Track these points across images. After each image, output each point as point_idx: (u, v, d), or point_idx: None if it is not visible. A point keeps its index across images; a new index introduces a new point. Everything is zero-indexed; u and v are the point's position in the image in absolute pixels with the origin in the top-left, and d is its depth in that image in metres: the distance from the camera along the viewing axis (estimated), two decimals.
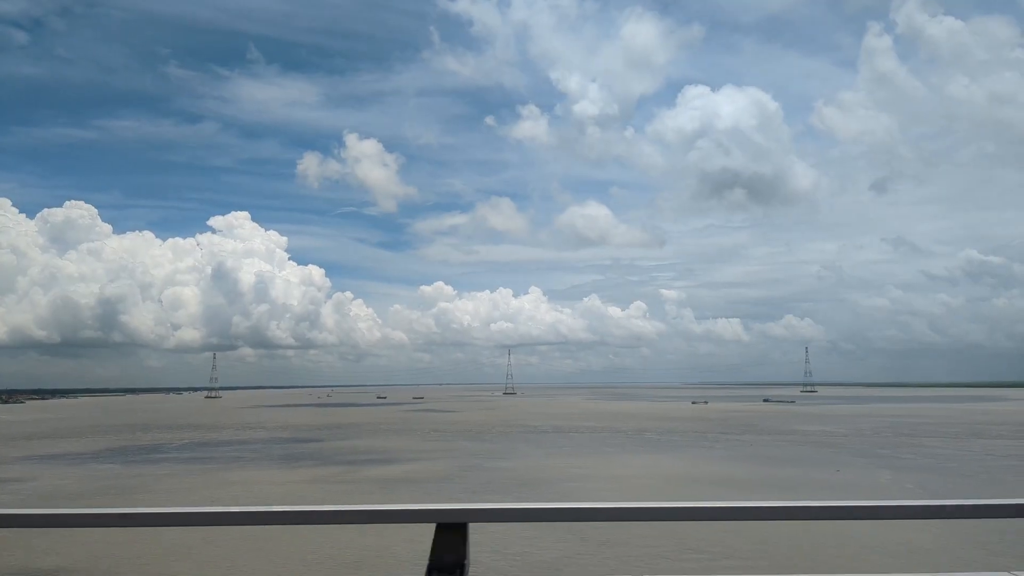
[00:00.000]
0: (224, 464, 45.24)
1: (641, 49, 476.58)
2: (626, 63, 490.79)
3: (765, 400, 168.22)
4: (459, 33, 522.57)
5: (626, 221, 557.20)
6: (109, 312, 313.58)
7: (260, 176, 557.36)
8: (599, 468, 40.80)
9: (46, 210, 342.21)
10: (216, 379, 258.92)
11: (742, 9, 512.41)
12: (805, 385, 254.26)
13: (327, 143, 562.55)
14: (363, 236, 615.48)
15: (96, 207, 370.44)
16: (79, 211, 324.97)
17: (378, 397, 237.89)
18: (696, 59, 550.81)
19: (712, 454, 48.43)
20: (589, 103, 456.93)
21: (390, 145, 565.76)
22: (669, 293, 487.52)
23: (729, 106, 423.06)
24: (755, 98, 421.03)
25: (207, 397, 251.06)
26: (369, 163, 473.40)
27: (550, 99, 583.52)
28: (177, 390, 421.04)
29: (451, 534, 3.13)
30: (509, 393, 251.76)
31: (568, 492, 32.30)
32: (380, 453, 50.92)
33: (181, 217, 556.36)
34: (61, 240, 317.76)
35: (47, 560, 20.23)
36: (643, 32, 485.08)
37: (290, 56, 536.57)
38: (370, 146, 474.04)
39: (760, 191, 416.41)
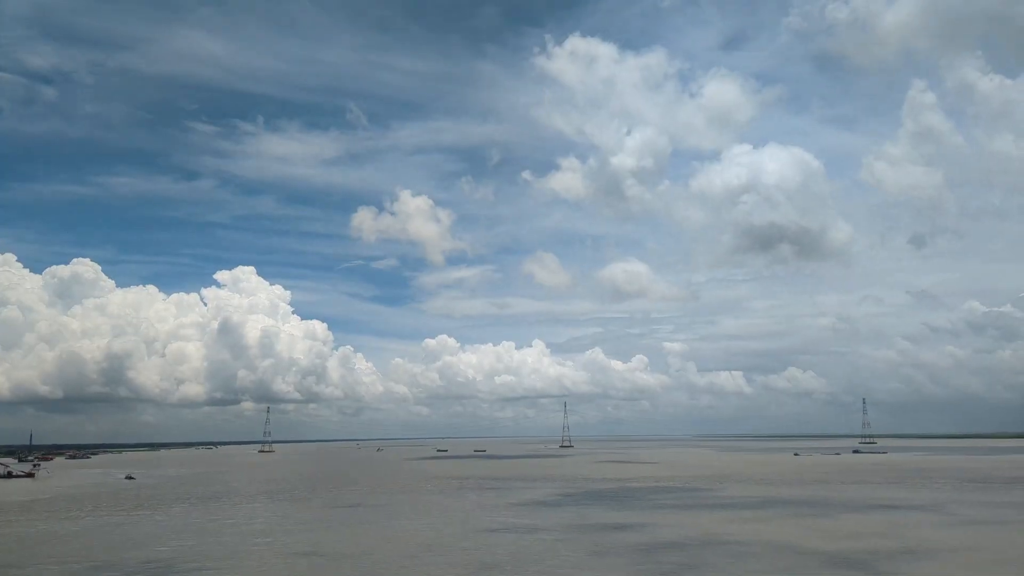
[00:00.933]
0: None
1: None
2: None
3: (855, 451, 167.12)
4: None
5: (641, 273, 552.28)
6: (116, 367, 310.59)
7: (256, 232, 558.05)
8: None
9: (53, 267, 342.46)
10: (269, 433, 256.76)
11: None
12: (864, 438, 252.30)
13: (326, 199, 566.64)
14: (363, 291, 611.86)
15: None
16: (84, 267, 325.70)
17: (438, 450, 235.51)
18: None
19: None
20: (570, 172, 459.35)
21: (391, 199, 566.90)
22: (672, 346, 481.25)
23: (752, 157, 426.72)
24: (790, 153, 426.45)
25: (261, 451, 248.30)
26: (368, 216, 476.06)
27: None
28: (208, 444, 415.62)
29: None
30: (566, 446, 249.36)
31: None
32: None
33: (173, 272, 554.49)
34: (67, 295, 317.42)
35: None
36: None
37: (290, 114, 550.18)
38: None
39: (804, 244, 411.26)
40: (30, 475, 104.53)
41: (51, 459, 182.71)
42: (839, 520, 42.23)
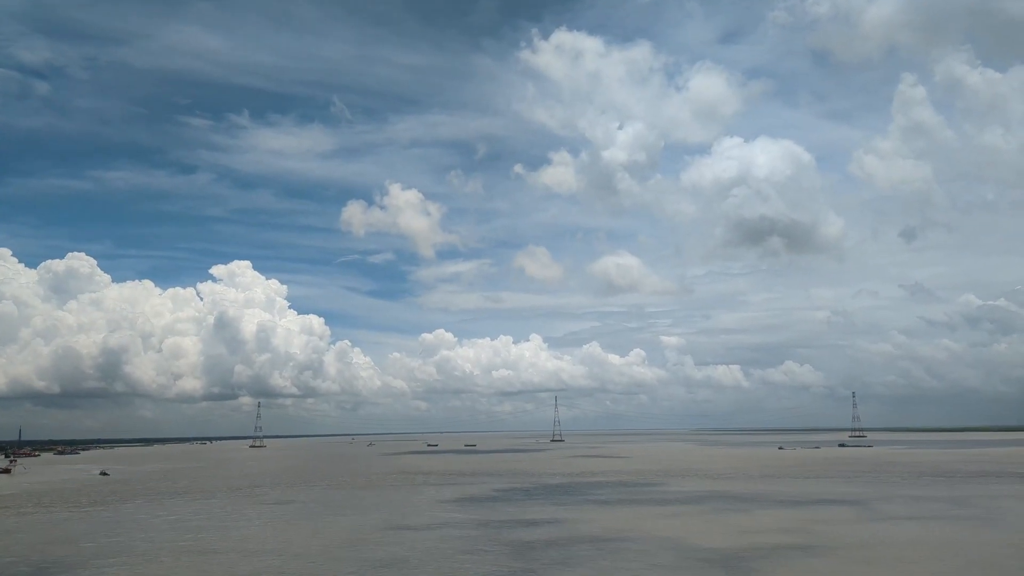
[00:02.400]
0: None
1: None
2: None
3: (841, 445, 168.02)
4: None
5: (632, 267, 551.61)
6: (112, 362, 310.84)
7: (253, 226, 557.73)
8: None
9: (48, 261, 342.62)
10: (260, 428, 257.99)
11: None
12: (853, 431, 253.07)
13: (322, 193, 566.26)
14: (360, 285, 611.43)
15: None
16: (79, 262, 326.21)
17: (428, 445, 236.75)
18: None
19: None
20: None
21: (384, 193, 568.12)
22: (670, 340, 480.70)
23: (746, 150, 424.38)
24: (781, 147, 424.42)
25: (252, 447, 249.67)
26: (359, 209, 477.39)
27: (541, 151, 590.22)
28: (203, 439, 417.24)
29: None
30: (557, 440, 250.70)
31: None
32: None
33: (169, 266, 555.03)
34: (63, 290, 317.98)
35: None
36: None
37: (285, 108, 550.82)
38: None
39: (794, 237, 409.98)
40: (6, 471, 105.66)
41: (37, 455, 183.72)
42: (756, 516, 43.04)
